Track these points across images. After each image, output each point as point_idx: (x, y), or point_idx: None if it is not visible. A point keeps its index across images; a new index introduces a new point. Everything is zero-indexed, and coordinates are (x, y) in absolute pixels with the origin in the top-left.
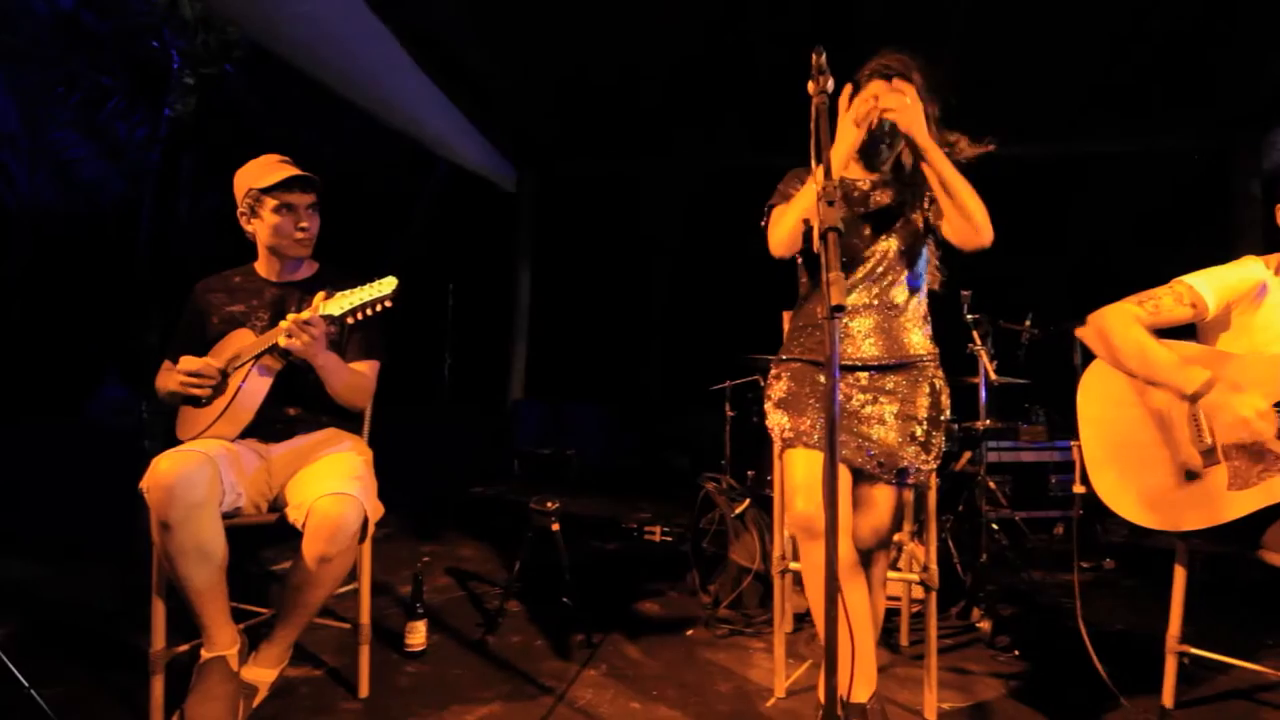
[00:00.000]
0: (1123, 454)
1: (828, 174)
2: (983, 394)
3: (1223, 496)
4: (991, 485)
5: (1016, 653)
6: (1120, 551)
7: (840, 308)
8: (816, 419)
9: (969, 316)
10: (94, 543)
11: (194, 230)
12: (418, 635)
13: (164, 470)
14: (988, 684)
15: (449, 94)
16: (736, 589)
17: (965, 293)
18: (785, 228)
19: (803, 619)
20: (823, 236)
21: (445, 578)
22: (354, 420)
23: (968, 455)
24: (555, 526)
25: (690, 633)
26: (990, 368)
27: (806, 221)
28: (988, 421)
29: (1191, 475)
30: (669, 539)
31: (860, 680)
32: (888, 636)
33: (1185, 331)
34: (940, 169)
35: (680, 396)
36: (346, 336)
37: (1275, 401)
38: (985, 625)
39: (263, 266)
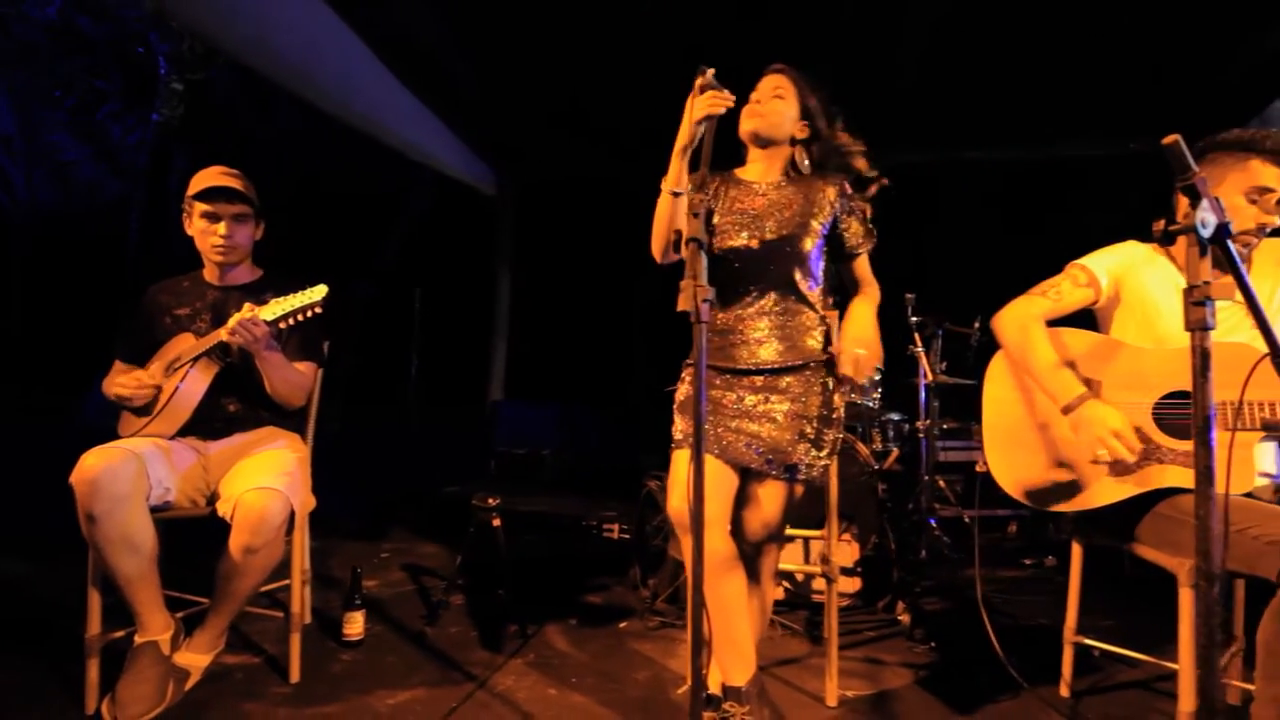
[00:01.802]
0: (1014, 435)
1: (700, 189)
2: (922, 395)
3: (1102, 483)
4: (941, 484)
5: (932, 644)
6: (1066, 549)
7: (685, 313)
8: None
9: (913, 319)
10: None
11: (185, 232)
12: (355, 625)
13: (89, 465)
14: (898, 673)
15: (426, 100)
16: (674, 583)
17: (909, 295)
18: (655, 236)
19: None
20: (686, 244)
21: (401, 573)
22: (294, 418)
23: (896, 453)
24: (496, 522)
25: (623, 625)
26: (929, 369)
27: (677, 231)
28: (928, 421)
29: (1063, 463)
30: (626, 536)
31: (738, 665)
32: (812, 629)
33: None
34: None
35: (662, 398)
36: (284, 340)
37: (1165, 394)
38: (905, 618)
39: (206, 271)
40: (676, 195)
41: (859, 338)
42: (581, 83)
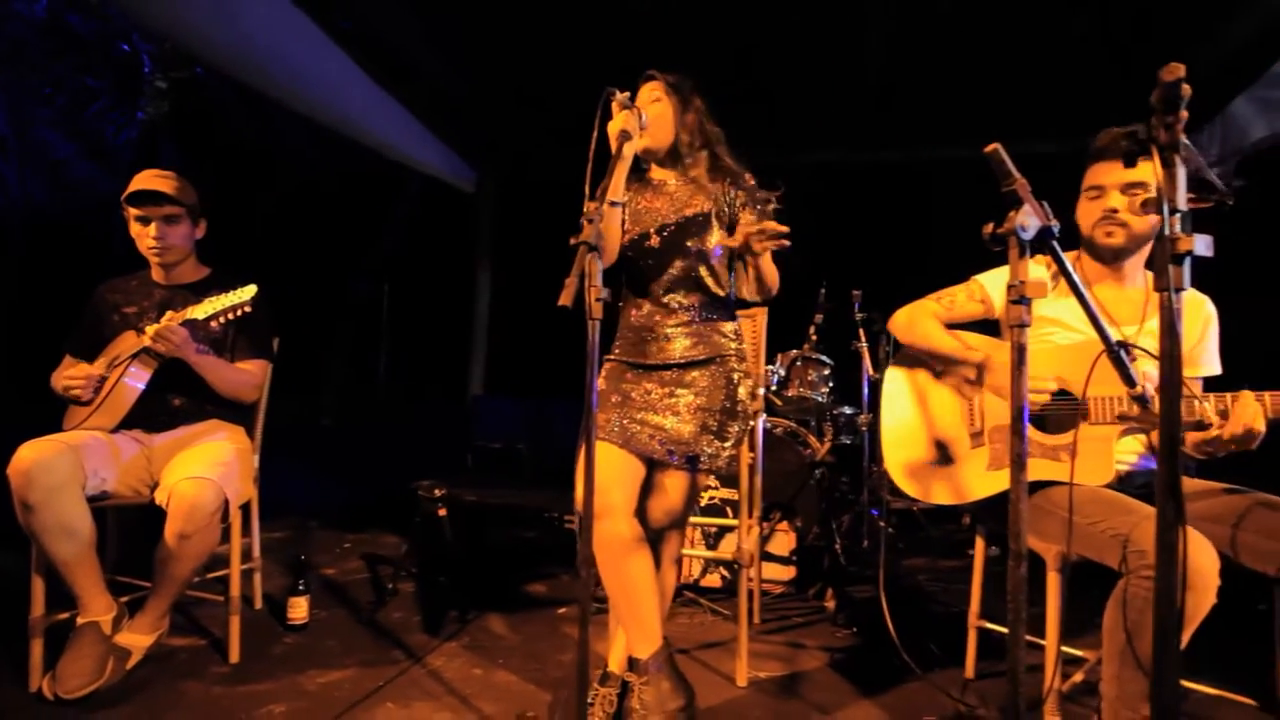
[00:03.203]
0: (904, 433)
1: (594, 197)
2: (865, 389)
3: (979, 476)
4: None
5: (854, 629)
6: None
7: (565, 307)
8: (612, 414)
9: (859, 315)
10: None
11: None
12: (299, 610)
13: (23, 457)
14: (814, 656)
15: (404, 100)
16: None
17: (856, 292)
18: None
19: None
20: (578, 247)
21: (359, 562)
22: (241, 412)
23: (827, 445)
24: (441, 512)
25: (561, 611)
26: (870, 365)
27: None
28: (870, 415)
29: (948, 458)
30: None
31: (642, 640)
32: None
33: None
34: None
35: None
36: (233, 338)
37: None
38: (830, 605)
39: (153, 270)
40: (614, 205)
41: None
42: (559, 79)
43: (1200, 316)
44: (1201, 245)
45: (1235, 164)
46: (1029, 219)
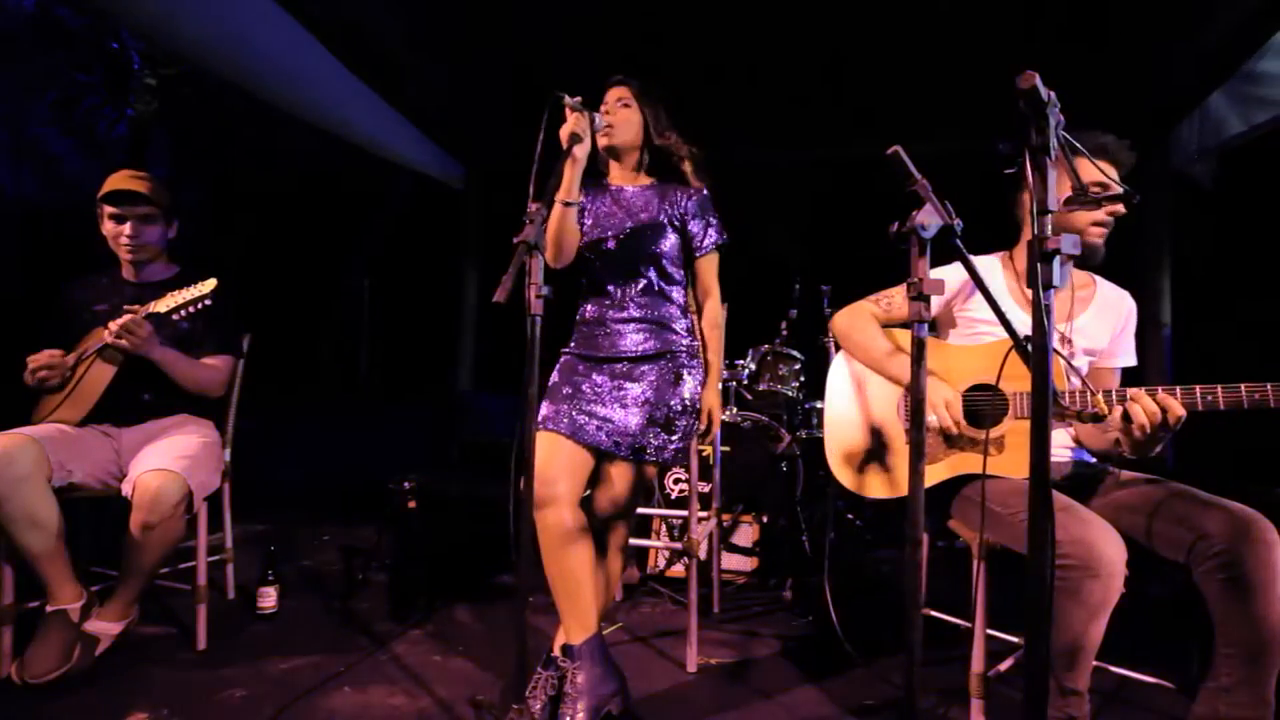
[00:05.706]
0: (846, 432)
1: (538, 199)
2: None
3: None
4: None
5: (810, 619)
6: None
7: (498, 302)
8: (560, 406)
9: (828, 310)
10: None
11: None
12: (268, 599)
13: None
14: (767, 644)
15: (391, 98)
16: None
17: (824, 288)
18: (548, 244)
19: (633, 589)
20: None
21: (335, 553)
22: (211, 405)
23: (788, 439)
24: (412, 504)
25: (529, 599)
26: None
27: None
28: None
29: (885, 451)
30: None
31: (576, 626)
32: (705, 604)
33: None
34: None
35: None
36: (201, 334)
37: (969, 386)
38: (788, 595)
39: (124, 268)
40: (567, 205)
41: (709, 404)
42: (544, 74)
43: (1123, 310)
44: (1068, 244)
45: (1216, 159)
46: (930, 218)
